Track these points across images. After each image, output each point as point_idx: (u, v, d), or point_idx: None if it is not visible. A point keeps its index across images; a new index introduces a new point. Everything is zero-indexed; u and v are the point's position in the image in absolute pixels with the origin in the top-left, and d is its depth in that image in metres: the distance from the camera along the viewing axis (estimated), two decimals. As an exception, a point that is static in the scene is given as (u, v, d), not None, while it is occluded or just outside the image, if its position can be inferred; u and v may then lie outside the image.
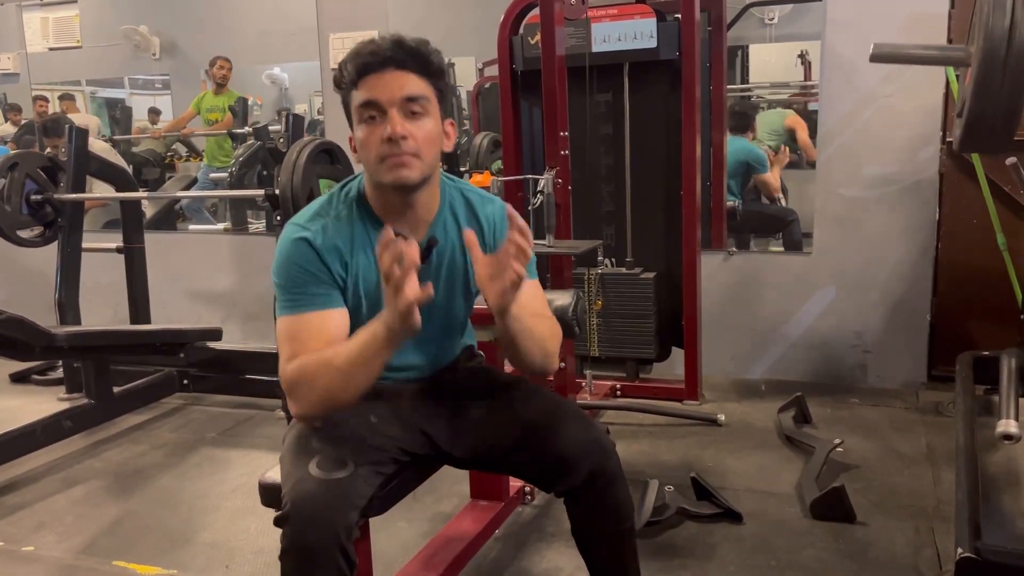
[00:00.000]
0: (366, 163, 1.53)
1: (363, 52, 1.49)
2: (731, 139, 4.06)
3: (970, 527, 1.83)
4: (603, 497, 1.59)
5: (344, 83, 1.52)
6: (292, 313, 1.52)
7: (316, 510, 1.37)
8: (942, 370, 3.54)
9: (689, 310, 3.49)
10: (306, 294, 1.52)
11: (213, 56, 4.92)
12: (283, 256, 1.54)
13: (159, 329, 3.73)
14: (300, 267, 1.52)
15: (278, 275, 1.54)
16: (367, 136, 1.50)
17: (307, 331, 1.50)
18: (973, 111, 1.80)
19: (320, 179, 3.32)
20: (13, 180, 3.59)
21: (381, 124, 1.48)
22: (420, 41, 1.52)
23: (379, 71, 1.48)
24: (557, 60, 3.05)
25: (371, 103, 1.48)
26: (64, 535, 2.59)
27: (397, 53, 1.48)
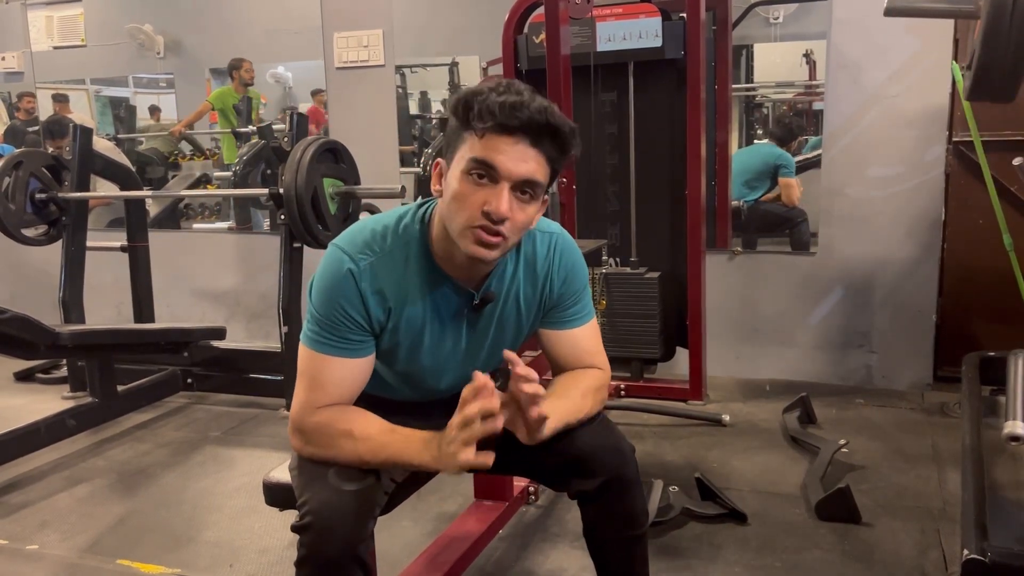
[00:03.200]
0: (450, 216, 1.38)
1: (505, 104, 1.31)
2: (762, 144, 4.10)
3: (976, 528, 1.82)
4: (618, 502, 1.57)
5: (466, 120, 1.35)
6: (319, 351, 1.45)
7: (336, 521, 1.35)
8: (948, 371, 3.53)
9: (694, 310, 3.48)
10: (337, 337, 1.44)
11: (236, 57, 4.91)
12: (326, 284, 1.44)
13: (163, 328, 3.73)
14: (341, 307, 1.42)
15: (316, 301, 1.45)
16: (466, 193, 1.35)
17: (330, 376, 1.46)
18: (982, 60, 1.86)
19: (324, 178, 3.32)
20: (17, 179, 3.60)
21: (487, 189, 1.35)
22: (566, 119, 1.37)
23: (514, 137, 1.33)
24: (562, 59, 3.04)
25: (489, 166, 1.34)
26: (68, 534, 2.59)
27: (539, 126, 1.33)
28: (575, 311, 1.62)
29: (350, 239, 1.46)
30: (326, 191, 3.33)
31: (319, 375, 1.46)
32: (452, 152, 1.39)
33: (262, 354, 3.79)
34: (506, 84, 1.36)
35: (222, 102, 5.13)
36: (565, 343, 1.62)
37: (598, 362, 1.64)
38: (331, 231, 3.38)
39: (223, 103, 5.13)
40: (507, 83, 1.36)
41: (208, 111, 5.24)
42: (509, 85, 1.35)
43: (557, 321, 1.61)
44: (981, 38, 1.85)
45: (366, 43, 4.30)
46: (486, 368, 1.62)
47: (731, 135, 3.89)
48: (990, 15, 1.79)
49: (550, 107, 1.35)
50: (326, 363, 1.45)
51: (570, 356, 1.63)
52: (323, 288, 1.44)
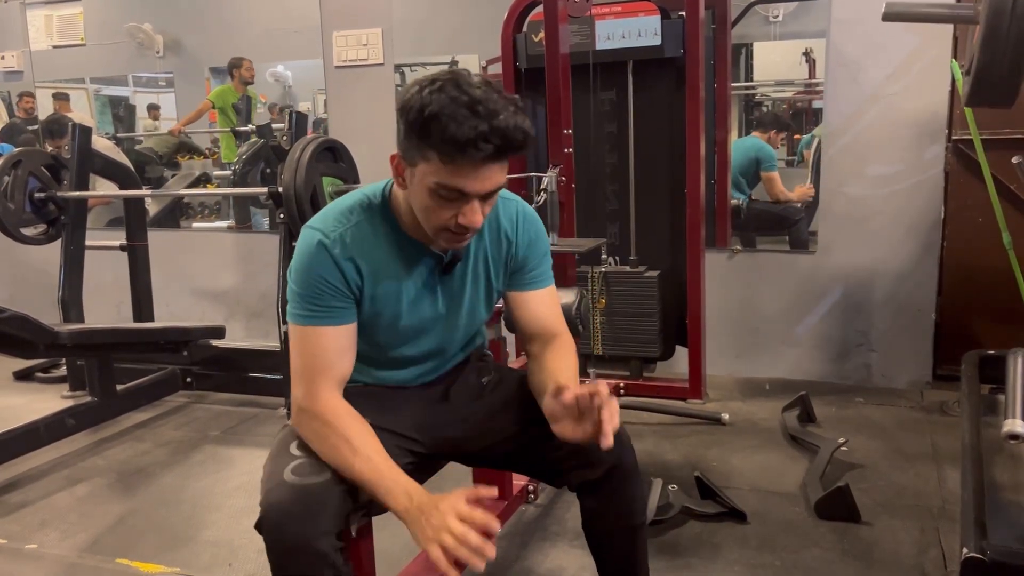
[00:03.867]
0: (421, 219, 1.44)
1: (463, 137, 1.29)
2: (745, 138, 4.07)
3: (976, 527, 1.82)
4: (619, 491, 1.58)
5: (425, 139, 1.33)
6: (306, 324, 1.49)
7: (287, 518, 1.35)
8: (947, 369, 3.53)
9: (693, 309, 3.48)
10: (321, 306, 1.48)
11: (236, 56, 4.91)
12: (302, 262, 1.49)
13: (162, 327, 3.73)
14: (318, 275, 1.47)
15: (295, 279, 1.49)
16: (435, 208, 1.40)
17: (320, 346, 1.49)
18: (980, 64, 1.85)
19: (323, 177, 3.32)
20: (17, 178, 3.59)
21: (456, 204, 1.38)
22: (522, 128, 1.34)
23: (479, 165, 1.34)
24: (561, 58, 3.04)
25: (458, 191, 1.36)
26: (67, 533, 2.59)
27: (500, 149, 1.33)
28: (538, 273, 1.69)
29: (319, 218, 1.53)
30: (325, 190, 3.33)
31: (314, 348, 1.49)
32: (413, 161, 1.39)
33: (261, 353, 3.80)
34: (459, 104, 1.30)
35: (222, 100, 5.13)
36: (532, 304, 1.68)
37: (561, 328, 1.70)
38: (330, 230, 3.38)
39: (223, 101, 5.13)
40: (464, 102, 1.30)
41: (208, 110, 5.24)
42: (462, 105, 1.30)
43: (523, 283, 1.67)
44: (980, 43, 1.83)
45: (365, 42, 4.30)
46: (467, 331, 1.70)
47: (730, 134, 3.88)
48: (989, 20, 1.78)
49: (506, 123, 1.31)
50: (317, 334, 1.49)
51: (538, 316, 1.68)
52: (299, 265, 1.49)
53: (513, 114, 1.34)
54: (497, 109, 1.31)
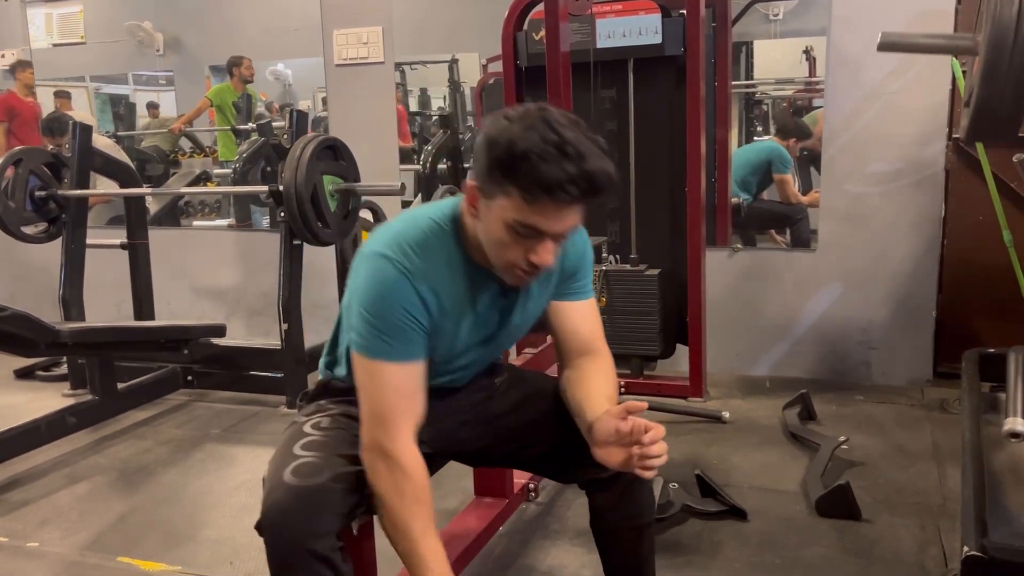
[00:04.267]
0: (492, 254, 1.42)
1: (553, 179, 1.28)
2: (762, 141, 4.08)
3: (976, 525, 1.81)
4: (628, 490, 1.59)
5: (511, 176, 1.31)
6: (387, 360, 1.42)
7: (285, 520, 1.35)
8: (948, 367, 3.53)
9: (694, 307, 3.48)
10: (403, 341, 1.42)
11: (236, 55, 4.91)
12: (381, 293, 1.41)
13: (163, 325, 3.73)
14: (404, 311, 1.41)
15: (374, 312, 1.41)
16: (509, 243, 1.37)
17: (402, 384, 1.44)
18: (980, 100, 1.78)
19: (324, 175, 3.32)
20: (17, 176, 3.59)
21: (531, 241, 1.37)
22: (608, 171, 1.32)
23: (561, 207, 1.33)
24: (561, 56, 3.04)
25: (537, 231, 1.35)
26: (68, 531, 2.60)
27: (586, 193, 1.32)
28: (582, 284, 1.66)
29: (391, 245, 1.43)
30: (326, 188, 3.33)
31: (396, 385, 1.44)
32: (491, 194, 1.36)
33: (262, 351, 3.80)
34: (550, 144, 1.28)
35: (220, 98, 5.13)
36: (575, 315, 1.65)
37: (602, 344, 1.67)
38: (331, 228, 3.38)
39: (221, 99, 5.13)
40: (551, 140, 1.28)
41: (207, 108, 5.24)
42: (553, 146, 1.28)
43: (567, 293, 1.64)
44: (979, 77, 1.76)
45: (365, 40, 4.30)
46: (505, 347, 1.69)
47: (731, 132, 3.88)
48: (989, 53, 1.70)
49: (595, 166, 1.30)
50: (399, 371, 1.43)
51: (579, 328, 1.65)
52: (379, 295, 1.42)
53: (600, 158, 1.31)
54: (586, 153, 1.29)
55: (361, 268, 1.45)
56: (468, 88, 4.69)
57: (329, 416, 1.57)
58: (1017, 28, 1.66)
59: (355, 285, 1.45)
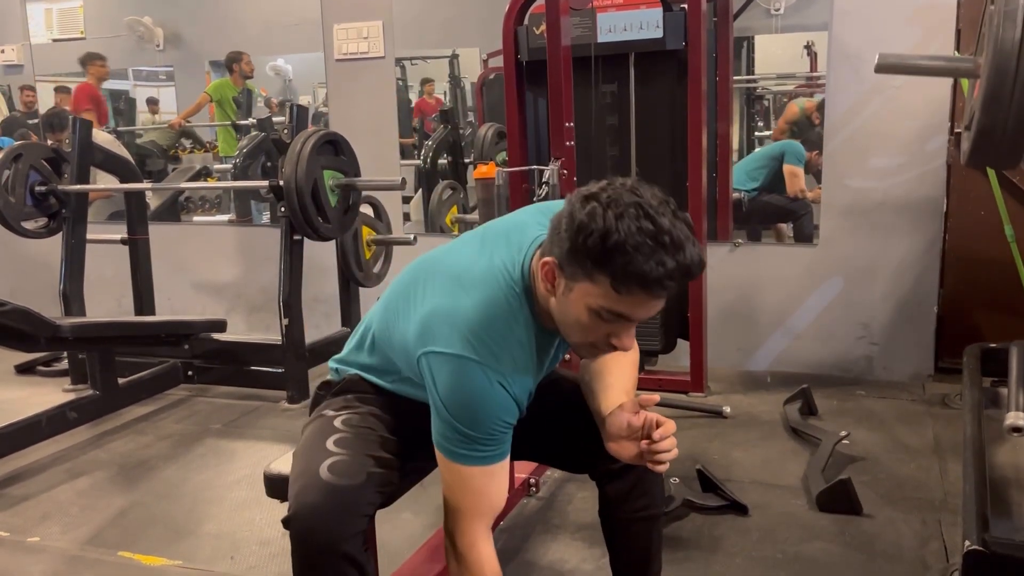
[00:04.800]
0: (569, 332, 1.37)
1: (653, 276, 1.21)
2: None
3: (977, 519, 1.82)
4: (641, 481, 1.60)
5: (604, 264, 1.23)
6: (478, 465, 1.40)
7: (321, 518, 1.35)
8: (949, 362, 3.53)
9: (695, 302, 3.47)
10: (494, 445, 1.39)
11: (235, 50, 4.90)
12: (482, 407, 1.36)
13: (164, 320, 3.74)
14: (503, 421, 1.38)
15: (471, 423, 1.36)
16: (593, 326, 1.32)
17: (490, 486, 1.43)
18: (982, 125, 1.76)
19: (324, 170, 3.32)
20: (17, 171, 3.59)
21: (614, 325, 1.32)
22: (700, 261, 1.26)
23: (654, 298, 1.27)
24: (562, 50, 3.03)
25: (625, 318, 1.30)
26: (69, 526, 2.60)
27: (683, 282, 1.26)
28: None
29: (471, 344, 1.35)
30: (326, 183, 3.32)
31: (484, 488, 1.43)
32: (575, 277, 1.28)
33: (263, 346, 3.80)
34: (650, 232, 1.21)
35: (220, 94, 5.12)
36: None
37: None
38: (331, 223, 3.38)
39: (221, 95, 5.12)
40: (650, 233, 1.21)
41: (206, 103, 5.23)
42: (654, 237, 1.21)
43: None
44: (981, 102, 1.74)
45: (366, 35, 4.29)
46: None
47: (732, 127, 3.87)
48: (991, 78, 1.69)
49: (694, 260, 1.24)
50: (490, 474, 1.42)
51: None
52: (474, 405, 1.36)
53: (693, 243, 1.25)
54: (683, 241, 1.23)
55: (442, 369, 1.36)
56: (468, 83, 4.68)
57: (358, 414, 1.56)
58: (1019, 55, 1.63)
59: (439, 385, 1.36)
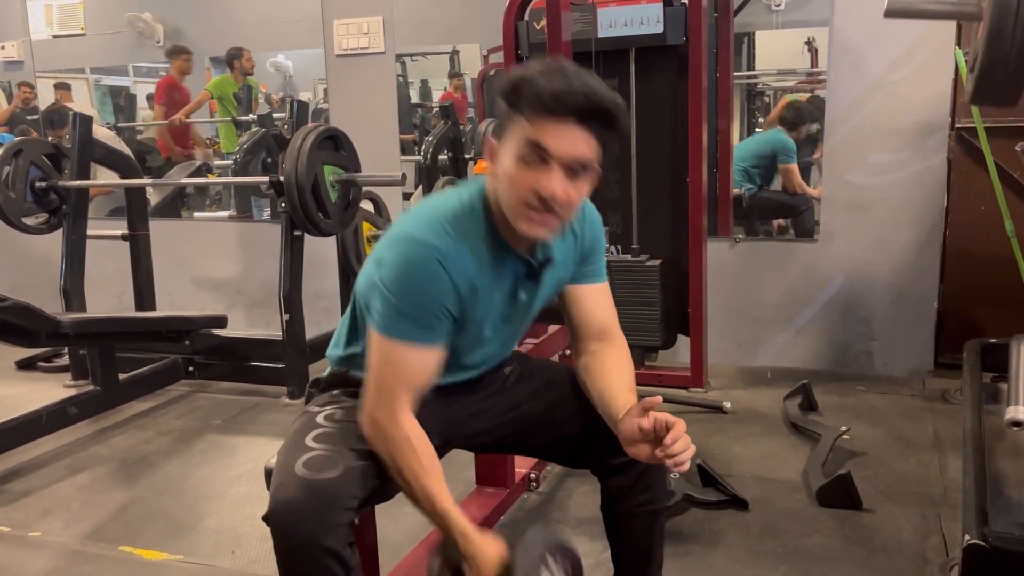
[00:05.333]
0: (505, 196, 1.39)
1: (551, 90, 1.31)
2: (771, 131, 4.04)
3: (977, 514, 1.82)
4: (644, 475, 1.60)
5: (515, 104, 1.35)
6: (402, 340, 1.41)
7: (297, 514, 1.33)
8: (949, 357, 3.53)
9: (695, 297, 3.48)
10: (426, 328, 1.41)
11: (235, 47, 4.89)
12: (412, 276, 1.39)
13: (164, 316, 3.73)
14: (431, 296, 1.40)
15: (400, 295, 1.39)
16: (519, 175, 1.36)
17: (412, 367, 1.43)
18: (984, 63, 1.81)
19: (325, 166, 3.32)
20: (17, 167, 3.59)
21: (539, 171, 1.35)
22: (613, 98, 1.35)
23: (561, 120, 1.33)
24: (563, 46, 3.03)
25: (539, 147, 1.34)
26: (70, 521, 2.60)
27: (586, 106, 1.33)
28: (597, 267, 1.66)
29: (424, 226, 1.41)
30: (327, 179, 3.32)
31: (407, 365, 1.43)
32: (503, 134, 1.39)
33: (263, 342, 3.80)
34: (552, 68, 1.35)
35: (220, 90, 5.12)
36: (590, 299, 1.65)
37: (616, 329, 1.67)
38: (332, 219, 3.38)
39: (221, 91, 5.11)
40: (553, 66, 1.35)
41: (207, 100, 5.23)
42: (555, 69, 1.34)
43: (584, 276, 1.64)
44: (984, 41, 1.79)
45: (366, 30, 4.29)
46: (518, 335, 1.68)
47: (732, 123, 3.87)
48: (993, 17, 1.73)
49: (596, 89, 1.34)
50: (414, 353, 1.43)
51: (595, 312, 1.65)
52: (409, 278, 1.39)
53: (604, 85, 1.35)
54: (587, 77, 1.34)
55: (390, 251, 1.41)
56: (469, 79, 4.67)
57: (343, 408, 1.55)
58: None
59: (383, 268, 1.41)
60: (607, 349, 1.63)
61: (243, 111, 5.16)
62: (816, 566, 2.16)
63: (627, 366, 1.62)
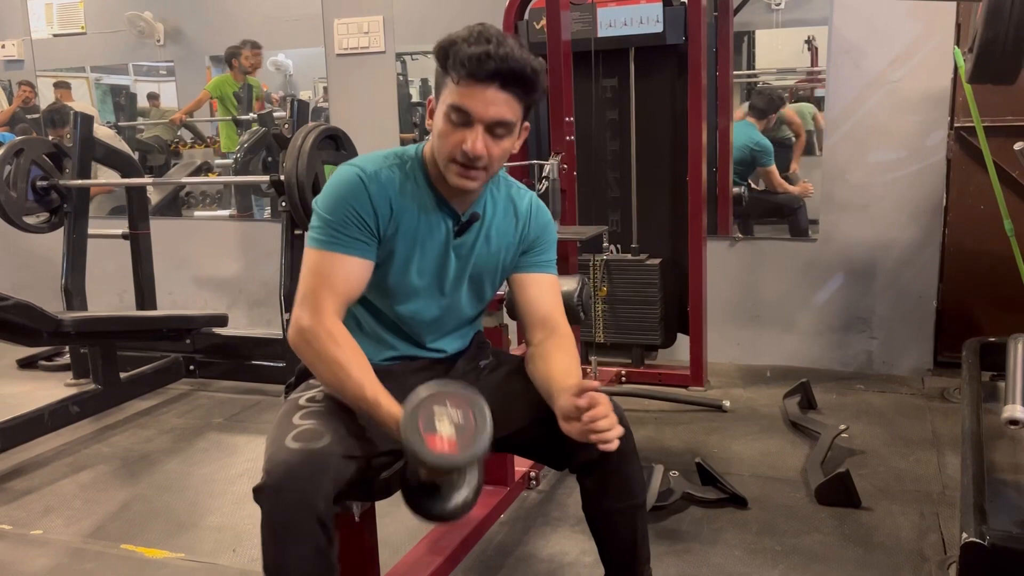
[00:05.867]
0: (437, 151, 1.55)
1: (472, 56, 1.44)
2: (739, 124, 4.01)
3: (975, 512, 1.82)
4: (616, 471, 1.60)
5: (444, 67, 1.50)
6: (326, 249, 1.54)
7: (289, 478, 1.37)
8: (948, 356, 3.54)
9: (694, 296, 3.48)
10: (346, 236, 1.54)
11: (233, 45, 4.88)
12: (336, 190, 1.56)
13: (165, 315, 3.74)
14: (351, 207, 1.54)
15: (325, 207, 1.55)
16: (447, 132, 1.51)
17: (334, 273, 1.54)
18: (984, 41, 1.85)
19: (325, 165, 3.32)
20: (19, 166, 3.59)
21: (464, 130, 1.50)
22: (530, 63, 1.49)
23: (482, 84, 1.47)
24: (563, 45, 3.04)
25: (462, 111, 1.48)
26: (72, 519, 2.61)
27: (504, 72, 1.46)
28: (546, 258, 1.76)
29: (359, 159, 1.61)
30: (327, 178, 3.33)
31: (329, 271, 1.54)
32: (438, 94, 1.53)
33: (264, 341, 3.80)
34: (477, 33, 1.46)
35: (220, 90, 5.12)
36: (535, 288, 1.73)
37: (562, 320, 1.73)
38: (332, 218, 3.38)
39: (221, 91, 5.12)
40: (478, 32, 1.47)
41: (207, 100, 5.23)
42: (480, 34, 1.46)
43: (529, 264, 1.73)
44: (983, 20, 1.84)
45: (366, 29, 4.30)
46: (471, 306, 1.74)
47: (732, 122, 3.88)
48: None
49: (514, 53, 1.46)
50: (336, 260, 1.54)
51: (539, 302, 1.72)
52: (333, 193, 1.56)
53: (523, 51, 1.48)
54: (507, 43, 1.46)
55: (332, 176, 1.60)
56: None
57: (321, 391, 1.60)
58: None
59: (324, 188, 1.58)
60: (551, 339, 1.67)
61: (243, 110, 5.16)
62: (815, 564, 2.17)
63: (570, 355, 1.65)
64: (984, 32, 1.83)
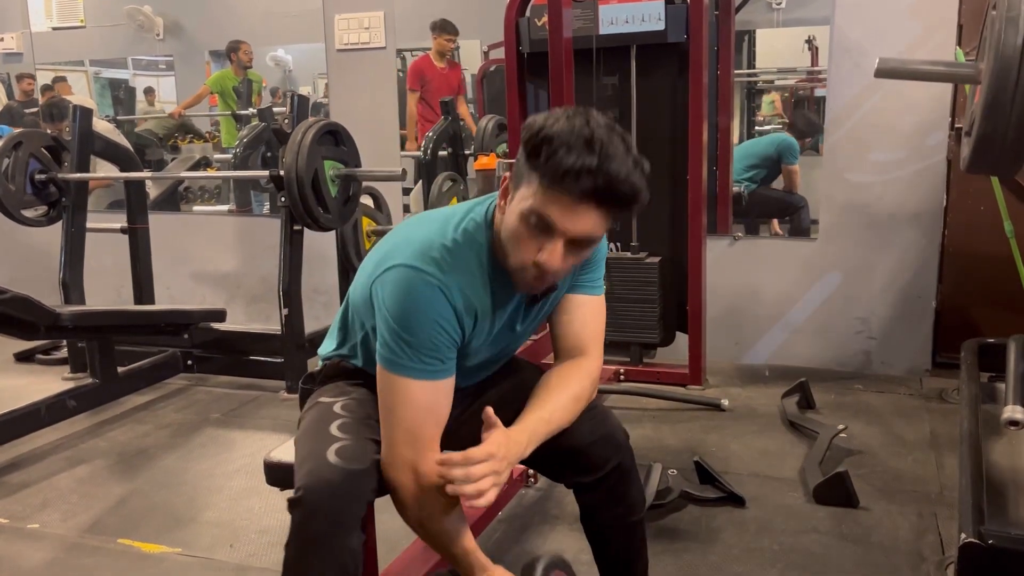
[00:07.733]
0: (506, 249, 1.37)
1: (572, 168, 1.24)
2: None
3: (973, 512, 1.82)
4: (615, 492, 1.58)
5: (534, 161, 1.29)
6: (422, 379, 1.38)
7: (330, 500, 1.34)
8: (947, 357, 3.54)
9: (694, 295, 3.48)
10: (438, 359, 1.38)
11: (234, 40, 4.89)
12: (419, 309, 1.35)
13: (163, 310, 3.74)
14: (441, 328, 1.37)
15: (408, 330, 1.35)
16: (522, 236, 1.33)
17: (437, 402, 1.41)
18: (983, 132, 1.75)
19: (325, 160, 3.32)
20: (17, 159, 3.59)
21: (542, 238, 1.32)
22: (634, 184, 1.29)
23: (575, 199, 1.27)
24: (564, 42, 3.03)
25: (545, 220, 1.30)
26: (69, 513, 2.61)
27: (605, 194, 1.27)
28: (591, 278, 1.60)
29: (421, 257, 1.37)
30: (327, 173, 3.32)
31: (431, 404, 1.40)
32: (518, 182, 1.34)
33: (262, 336, 3.81)
34: (579, 135, 1.26)
35: (220, 85, 5.12)
36: (573, 310, 1.58)
37: (593, 347, 1.60)
38: (331, 213, 3.38)
39: (221, 86, 5.12)
40: (582, 135, 1.26)
41: (207, 95, 5.23)
42: (584, 140, 1.25)
43: (573, 285, 1.59)
44: (982, 108, 1.73)
45: (367, 25, 4.29)
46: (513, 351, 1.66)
47: (733, 120, 3.88)
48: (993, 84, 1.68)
49: (620, 174, 1.26)
50: (435, 389, 1.40)
51: (571, 327, 1.59)
52: (415, 311, 1.36)
53: (630, 166, 1.28)
54: (614, 155, 1.26)
55: (389, 281, 1.38)
56: (469, 75, 4.67)
57: (355, 400, 1.55)
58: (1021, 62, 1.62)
59: (385, 298, 1.38)
60: (571, 361, 1.57)
61: (243, 105, 5.16)
62: (812, 563, 2.17)
63: (579, 376, 1.54)
64: (983, 122, 1.73)
